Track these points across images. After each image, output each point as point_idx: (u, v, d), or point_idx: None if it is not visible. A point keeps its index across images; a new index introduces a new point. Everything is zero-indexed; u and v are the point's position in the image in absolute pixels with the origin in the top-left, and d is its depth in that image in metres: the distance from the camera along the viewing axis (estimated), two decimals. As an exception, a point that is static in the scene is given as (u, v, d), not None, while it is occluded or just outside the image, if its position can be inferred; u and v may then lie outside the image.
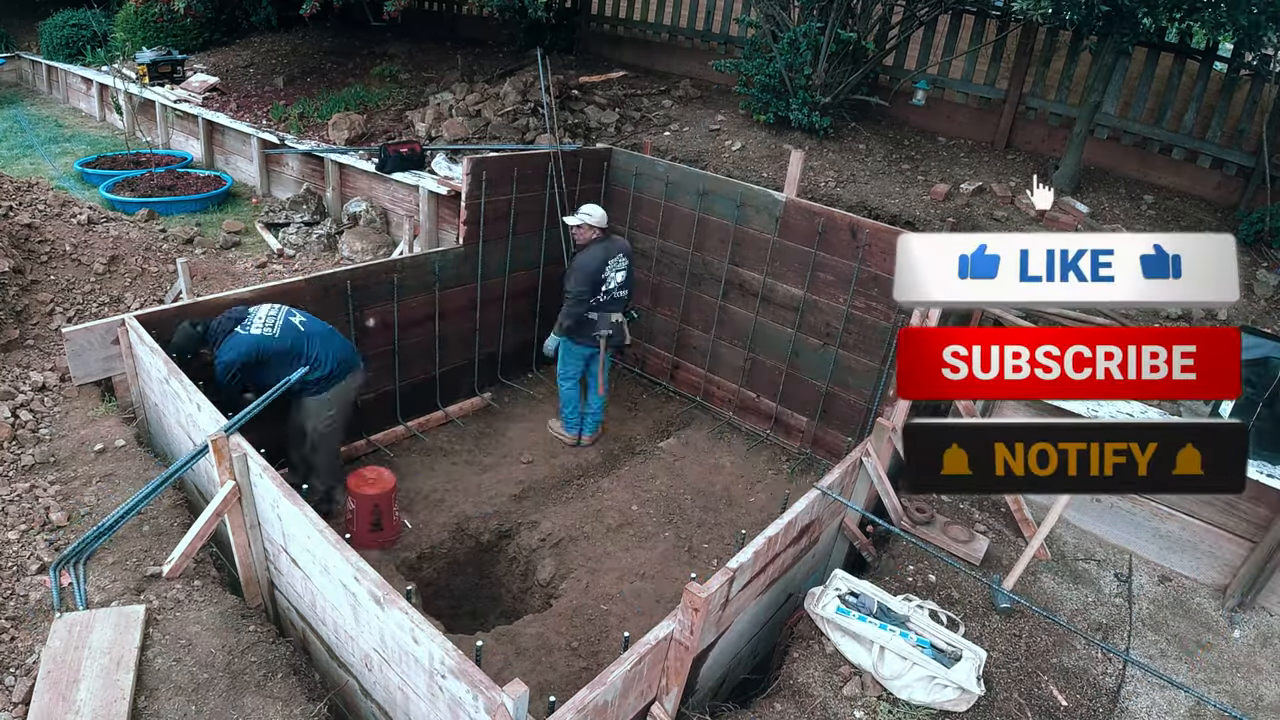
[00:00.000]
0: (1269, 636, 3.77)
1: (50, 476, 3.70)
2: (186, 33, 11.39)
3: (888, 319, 5.18)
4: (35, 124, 10.64)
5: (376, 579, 2.62)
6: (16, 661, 2.82)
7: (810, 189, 6.07)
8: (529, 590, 4.85)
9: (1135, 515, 4.13)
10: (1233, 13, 4.54)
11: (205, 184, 8.24)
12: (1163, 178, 6.21)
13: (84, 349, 4.14)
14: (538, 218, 6.14)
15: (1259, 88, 5.75)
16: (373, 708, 3.00)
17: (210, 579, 3.35)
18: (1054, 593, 3.88)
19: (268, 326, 4.17)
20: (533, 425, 6.06)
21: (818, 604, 3.31)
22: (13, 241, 5.18)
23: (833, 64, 6.55)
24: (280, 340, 4.17)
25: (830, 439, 5.74)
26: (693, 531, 5.11)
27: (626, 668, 2.59)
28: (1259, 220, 5.40)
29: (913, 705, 3.02)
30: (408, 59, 9.73)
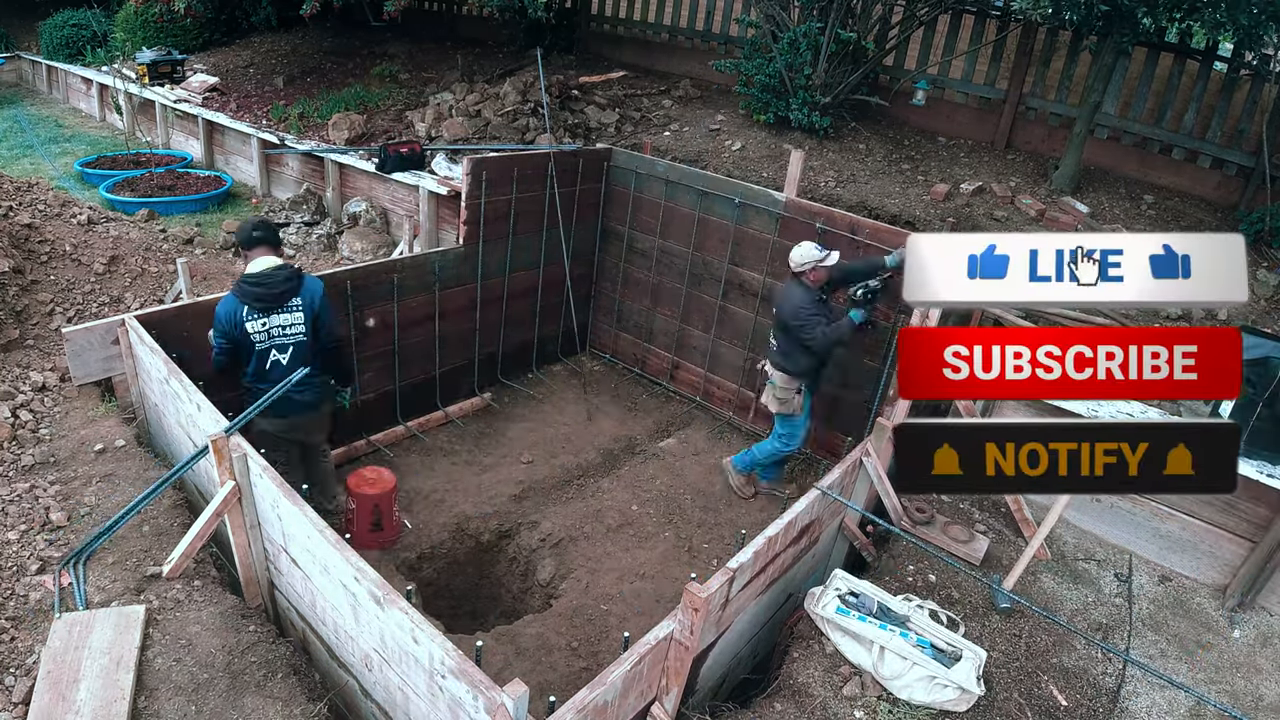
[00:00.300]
0: (1269, 636, 3.77)
1: (50, 476, 3.70)
2: (186, 33, 11.40)
3: (888, 319, 5.18)
4: (35, 124, 10.64)
5: (376, 579, 2.62)
6: (16, 661, 2.82)
7: (810, 189, 6.07)
8: (529, 590, 4.85)
9: (1135, 515, 4.13)
10: (1233, 13, 4.54)
11: (205, 184, 8.24)
12: (1163, 178, 6.21)
13: (84, 349, 4.14)
14: (538, 218, 6.14)
15: (1259, 88, 5.75)
16: (373, 708, 3.00)
17: (210, 579, 3.35)
18: (1054, 593, 3.88)
19: (261, 335, 3.87)
20: (533, 425, 6.06)
21: (818, 604, 3.31)
22: (13, 241, 5.18)
23: (833, 64, 6.55)
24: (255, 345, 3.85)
25: (830, 439, 5.74)
26: (693, 531, 5.11)
27: (626, 668, 2.59)
28: (1259, 220, 5.40)
29: (913, 705, 3.02)
30: (408, 59, 9.73)
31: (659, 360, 6.78)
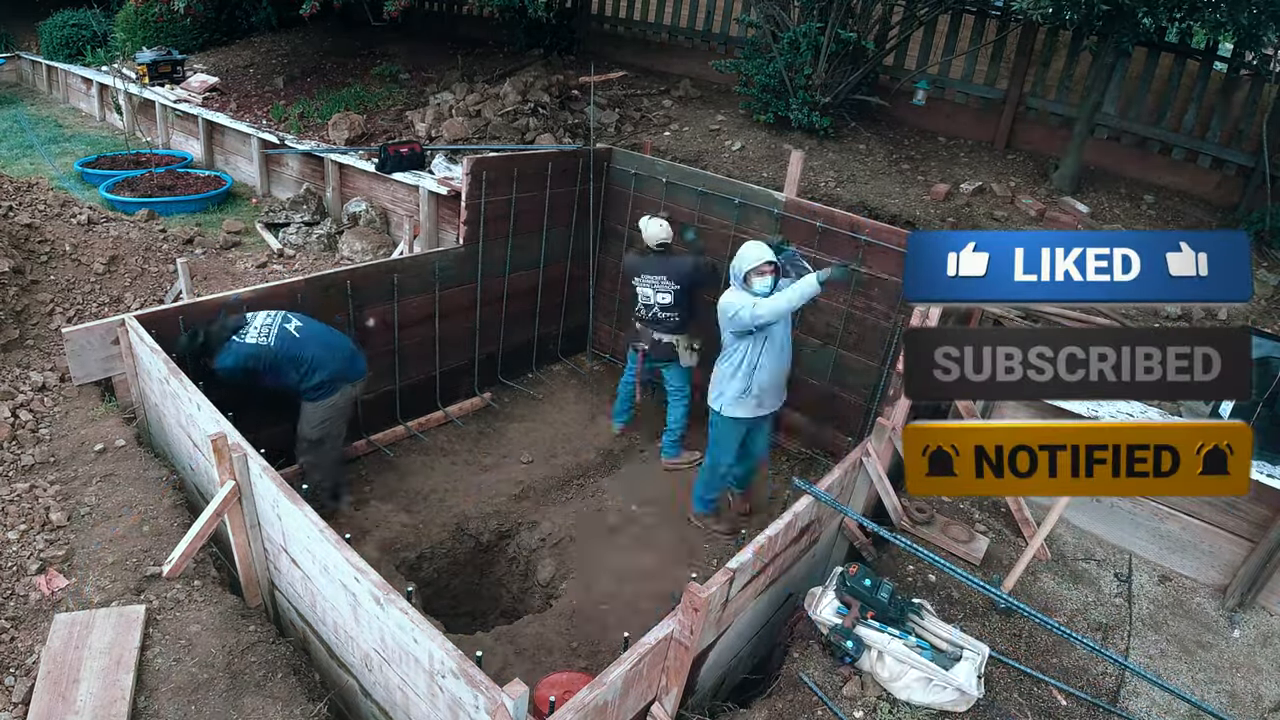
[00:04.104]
0: (1269, 636, 3.76)
1: (50, 476, 3.70)
2: (186, 33, 11.39)
3: (888, 319, 5.18)
4: (35, 124, 10.64)
5: (376, 579, 2.62)
6: (16, 661, 2.82)
7: (810, 189, 6.07)
8: (529, 590, 4.85)
9: (1135, 515, 4.13)
10: (1233, 13, 4.54)
11: (205, 184, 8.24)
12: (1163, 178, 6.21)
13: (84, 349, 4.14)
14: (538, 218, 6.14)
15: (1259, 88, 5.75)
16: (373, 708, 3.00)
17: (210, 579, 3.35)
18: (1054, 592, 3.88)
19: (263, 335, 4.18)
20: (533, 425, 6.06)
21: (817, 607, 3.30)
22: (13, 241, 5.19)
23: (833, 64, 6.55)
24: (275, 348, 4.17)
25: (830, 439, 5.74)
26: (693, 532, 5.10)
27: (626, 668, 2.59)
28: (1259, 220, 5.40)
29: (913, 705, 3.02)
30: (408, 59, 9.73)
31: (659, 360, 6.77)
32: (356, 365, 4.55)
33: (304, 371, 4.26)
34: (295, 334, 4.27)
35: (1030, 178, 6.26)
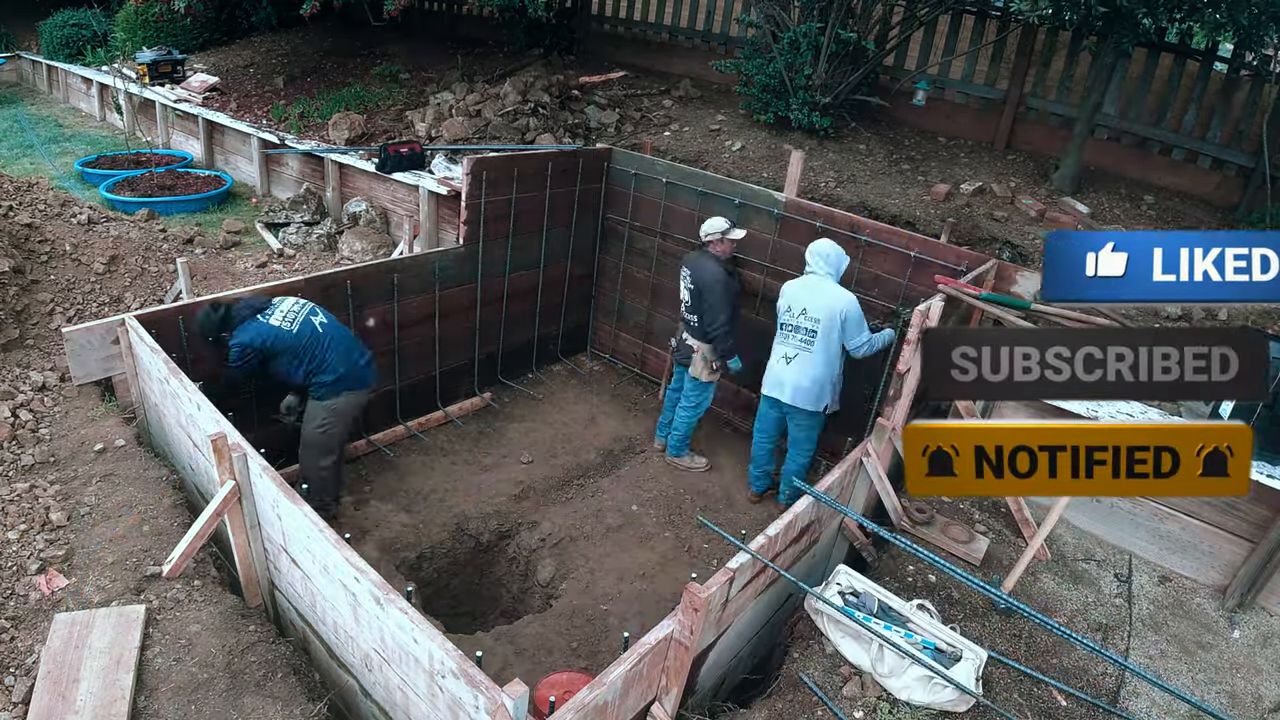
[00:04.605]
0: (1269, 636, 3.76)
1: (50, 476, 3.70)
2: (186, 33, 11.40)
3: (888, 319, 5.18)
4: (35, 124, 10.64)
5: (376, 579, 2.62)
6: (16, 661, 2.82)
7: (810, 189, 6.07)
8: (529, 590, 4.85)
9: (1135, 515, 4.12)
10: (1233, 13, 4.54)
11: (205, 184, 8.24)
12: (1163, 178, 6.21)
13: (84, 349, 4.14)
14: (538, 218, 6.14)
15: (1259, 88, 5.75)
16: (373, 708, 3.00)
17: (210, 579, 3.35)
18: (1054, 593, 3.88)
19: (287, 320, 4.19)
20: (533, 425, 6.06)
21: (818, 600, 3.30)
22: (13, 241, 5.19)
23: (833, 64, 6.55)
24: (296, 337, 4.18)
25: (830, 439, 5.73)
26: (692, 531, 5.11)
27: (626, 668, 2.59)
28: (1259, 220, 5.41)
29: (913, 705, 3.02)
30: (408, 59, 9.73)
31: (659, 360, 6.77)
32: (366, 377, 4.53)
33: (314, 367, 4.25)
34: (319, 328, 4.27)
35: (1030, 178, 6.26)
